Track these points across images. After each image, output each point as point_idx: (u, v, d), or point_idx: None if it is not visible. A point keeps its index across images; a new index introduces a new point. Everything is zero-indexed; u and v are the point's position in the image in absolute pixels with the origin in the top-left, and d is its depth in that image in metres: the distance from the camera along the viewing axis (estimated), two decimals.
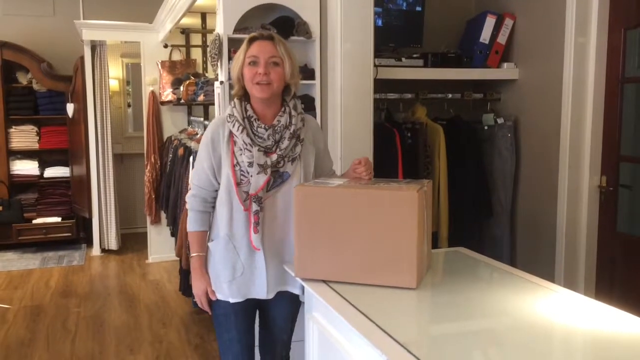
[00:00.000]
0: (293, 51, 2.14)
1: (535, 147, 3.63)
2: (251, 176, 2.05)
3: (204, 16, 5.38)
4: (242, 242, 2.11)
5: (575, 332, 1.59)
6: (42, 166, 6.32)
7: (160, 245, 5.75)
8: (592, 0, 3.25)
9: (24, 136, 6.21)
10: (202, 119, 4.86)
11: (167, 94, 5.45)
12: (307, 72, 3.17)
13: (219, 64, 3.06)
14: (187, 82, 4.62)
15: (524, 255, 3.75)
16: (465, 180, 3.67)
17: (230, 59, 2.95)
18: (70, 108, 6.07)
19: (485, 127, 3.81)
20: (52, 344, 3.82)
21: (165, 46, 5.64)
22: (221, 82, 3.07)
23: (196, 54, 5.93)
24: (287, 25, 3.10)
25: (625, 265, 3.25)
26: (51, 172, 6.33)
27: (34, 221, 6.17)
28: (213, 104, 4.13)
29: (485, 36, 3.75)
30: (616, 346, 1.49)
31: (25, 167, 6.22)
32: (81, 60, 5.82)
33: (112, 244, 6.06)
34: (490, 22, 3.74)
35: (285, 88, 2.15)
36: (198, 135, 4.48)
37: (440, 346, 1.54)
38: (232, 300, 2.16)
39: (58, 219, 6.26)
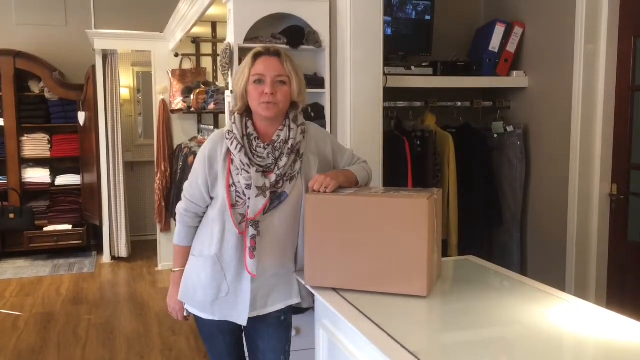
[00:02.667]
0: (299, 67, 2.06)
1: (545, 155, 3.62)
2: (248, 198, 1.97)
3: (214, 25, 5.42)
4: (230, 265, 2.03)
5: (586, 341, 1.59)
6: (54, 174, 6.38)
7: (170, 253, 5.64)
8: (602, 7, 3.25)
9: (36, 144, 6.27)
10: (212, 127, 4.89)
11: (178, 103, 5.48)
12: (317, 81, 3.18)
13: (229, 73, 3.09)
14: (198, 90, 4.65)
15: (534, 264, 3.73)
16: (475, 188, 3.67)
17: None
18: (81, 116, 6.13)
19: (495, 135, 3.81)
20: (63, 351, 3.84)
21: (176, 55, 5.68)
22: (231, 91, 3.08)
23: (206, 62, 5.96)
24: (297, 35, 3.12)
25: (637, 274, 3.22)
26: (62, 180, 6.38)
27: (45, 229, 6.22)
28: (223, 113, 4.16)
29: (494, 44, 3.75)
30: (627, 355, 1.48)
31: (37, 175, 6.28)
32: (93, 69, 5.89)
33: (122, 251, 6.09)
34: (499, 30, 3.75)
35: (292, 105, 2.07)
36: None
37: (451, 355, 1.54)
38: (211, 318, 2.11)
39: (69, 227, 6.30)
